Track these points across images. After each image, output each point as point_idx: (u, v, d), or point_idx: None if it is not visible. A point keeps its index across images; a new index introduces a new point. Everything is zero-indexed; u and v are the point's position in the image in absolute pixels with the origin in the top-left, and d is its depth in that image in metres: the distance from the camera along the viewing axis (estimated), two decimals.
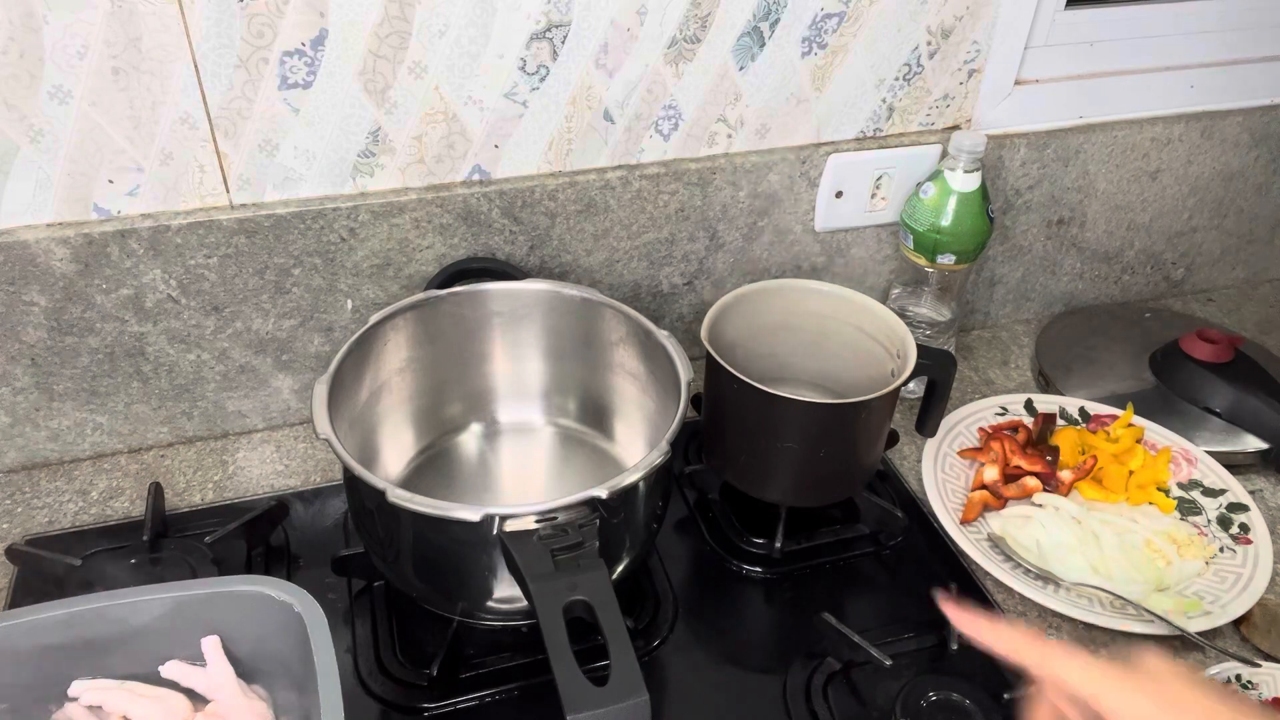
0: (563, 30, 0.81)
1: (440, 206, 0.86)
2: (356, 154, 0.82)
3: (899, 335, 0.82)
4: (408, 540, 0.68)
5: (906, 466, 0.93)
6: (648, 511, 0.71)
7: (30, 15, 0.69)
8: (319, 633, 0.57)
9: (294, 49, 0.76)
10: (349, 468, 0.65)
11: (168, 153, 0.78)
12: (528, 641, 0.73)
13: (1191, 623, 0.74)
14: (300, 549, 0.81)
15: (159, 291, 0.82)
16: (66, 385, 0.84)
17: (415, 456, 0.86)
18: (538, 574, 0.58)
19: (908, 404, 0.95)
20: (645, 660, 0.74)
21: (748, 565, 0.82)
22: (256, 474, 0.89)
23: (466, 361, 0.86)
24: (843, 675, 0.73)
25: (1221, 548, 0.83)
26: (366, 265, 0.87)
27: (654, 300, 0.99)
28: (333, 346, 0.90)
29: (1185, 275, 1.19)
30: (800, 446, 0.78)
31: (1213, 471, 0.90)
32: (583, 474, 0.86)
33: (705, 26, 0.85)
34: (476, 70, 0.81)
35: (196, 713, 0.61)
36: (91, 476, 0.87)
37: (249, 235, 0.82)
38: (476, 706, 0.70)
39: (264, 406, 0.92)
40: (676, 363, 0.74)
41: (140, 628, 0.60)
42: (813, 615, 0.74)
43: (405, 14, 0.77)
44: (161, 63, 0.73)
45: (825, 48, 0.90)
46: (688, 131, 0.91)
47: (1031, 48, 0.98)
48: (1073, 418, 0.96)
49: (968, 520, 0.85)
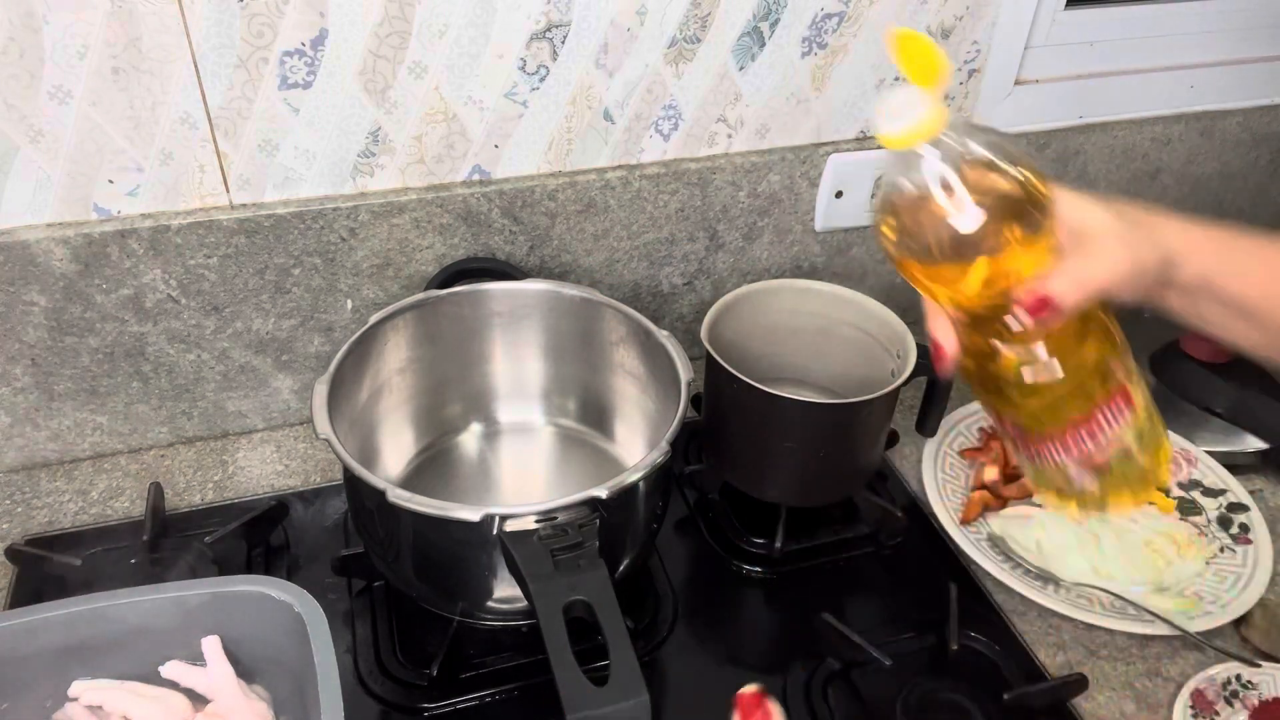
0: (563, 30, 0.81)
1: (440, 206, 0.86)
2: (356, 154, 0.82)
3: (899, 335, 0.82)
4: (408, 540, 0.68)
5: (906, 466, 0.93)
6: (648, 511, 0.71)
7: (30, 15, 0.69)
8: (319, 633, 0.57)
9: (294, 49, 0.76)
10: (349, 468, 0.65)
11: (168, 153, 0.78)
12: (528, 641, 0.73)
13: (1191, 623, 0.74)
14: (300, 549, 0.81)
15: (159, 291, 0.82)
16: (66, 385, 0.84)
17: (415, 456, 0.86)
18: (538, 574, 0.58)
19: (908, 404, 0.95)
20: (645, 660, 0.74)
21: (748, 565, 0.82)
22: (256, 474, 0.89)
23: (466, 361, 0.86)
24: (843, 675, 0.73)
25: (1221, 548, 0.83)
26: (366, 265, 0.87)
27: (654, 300, 0.99)
28: (333, 346, 0.90)
29: None
30: (800, 446, 0.78)
31: (1213, 471, 0.90)
32: (583, 474, 0.86)
33: (705, 26, 0.85)
34: (476, 70, 0.81)
35: (196, 713, 0.61)
36: (91, 476, 0.87)
37: (249, 235, 0.82)
38: (476, 706, 0.70)
39: (264, 406, 0.92)
40: (676, 363, 0.74)
41: (140, 628, 0.60)
42: (813, 615, 0.74)
43: (405, 14, 0.77)
44: (161, 63, 0.73)
45: (825, 48, 0.90)
46: (688, 131, 0.91)
47: (1031, 48, 0.98)
48: None
49: (968, 520, 0.85)
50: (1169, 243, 0.54)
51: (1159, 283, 0.55)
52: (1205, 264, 0.55)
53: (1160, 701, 0.72)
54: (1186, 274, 0.55)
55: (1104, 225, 0.53)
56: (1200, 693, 0.71)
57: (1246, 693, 0.71)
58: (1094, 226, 0.53)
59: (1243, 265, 0.56)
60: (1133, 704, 0.72)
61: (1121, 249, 0.52)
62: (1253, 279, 0.56)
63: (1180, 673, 0.74)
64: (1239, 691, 0.71)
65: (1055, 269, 0.50)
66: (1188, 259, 0.55)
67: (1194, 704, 0.70)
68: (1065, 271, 0.51)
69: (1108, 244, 0.52)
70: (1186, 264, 0.55)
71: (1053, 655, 0.76)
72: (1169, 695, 0.72)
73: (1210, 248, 0.56)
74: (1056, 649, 0.76)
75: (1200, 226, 0.56)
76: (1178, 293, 0.56)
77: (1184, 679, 0.72)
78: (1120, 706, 0.72)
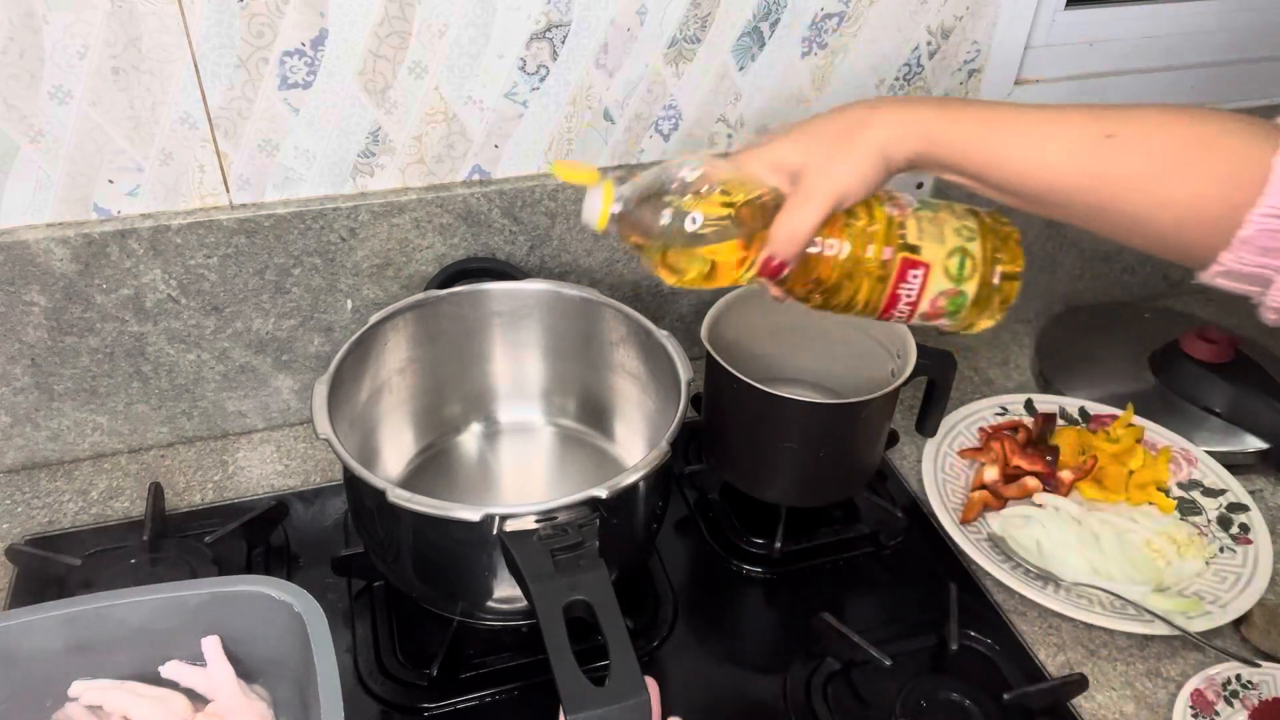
0: (563, 30, 0.81)
1: (440, 206, 0.86)
2: (356, 154, 0.82)
3: (899, 335, 0.82)
4: (408, 540, 0.68)
5: (906, 466, 0.93)
6: (648, 511, 0.71)
7: (30, 15, 0.69)
8: (319, 633, 0.57)
9: (294, 49, 0.76)
10: (349, 468, 0.65)
11: (168, 153, 0.78)
12: (528, 641, 0.73)
13: (1191, 623, 0.74)
14: (300, 549, 0.81)
15: (159, 291, 0.82)
16: (66, 385, 0.84)
17: (415, 456, 0.86)
18: (538, 574, 0.58)
19: (908, 404, 0.95)
20: (645, 660, 0.74)
21: (748, 565, 0.82)
22: (256, 474, 0.89)
23: (466, 361, 0.86)
24: (843, 675, 0.73)
25: (1221, 548, 0.83)
26: (366, 265, 0.87)
27: (654, 300, 0.99)
28: (333, 346, 0.90)
29: (1185, 275, 1.18)
30: (800, 446, 0.78)
31: (1213, 471, 0.90)
32: (583, 474, 0.86)
33: (705, 26, 0.85)
34: (476, 70, 0.81)
35: (196, 713, 0.61)
36: (91, 476, 0.87)
37: (249, 235, 0.82)
38: (476, 706, 0.70)
39: (264, 406, 0.92)
40: (676, 363, 0.74)
41: (140, 628, 0.60)
42: (813, 615, 0.74)
43: (405, 14, 0.77)
44: (161, 63, 0.73)
45: (825, 48, 0.90)
46: (688, 131, 0.91)
47: (1031, 48, 0.98)
48: (1073, 418, 0.96)
49: (968, 520, 0.85)
50: (906, 133, 0.57)
51: (909, 168, 0.59)
52: (954, 149, 0.58)
53: (1160, 701, 0.72)
54: (937, 158, 0.58)
55: (803, 160, 0.58)
56: (1200, 693, 0.71)
57: (1246, 693, 0.71)
58: (796, 165, 0.58)
59: (997, 146, 0.57)
60: (1133, 704, 0.72)
61: (827, 178, 0.57)
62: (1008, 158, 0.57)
63: (1180, 673, 0.74)
64: (1239, 691, 0.71)
65: (771, 232, 0.57)
66: (935, 145, 0.58)
67: (1194, 704, 0.70)
68: (776, 229, 0.57)
69: (811, 180, 0.57)
70: (935, 150, 0.58)
71: (1053, 655, 0.76)
72: (1169, 695, 0.73)
73: (961, 132, 0.57)
74: (1056, 649, 0.76)
75: (955, 108, 0.58)
76: (936, 171, 0.59)
77: (1184, 679, 0.72)
78: (1120, 706, 0.72)
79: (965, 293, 0.60)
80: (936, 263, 0.59)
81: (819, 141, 0.58)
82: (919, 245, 0.59)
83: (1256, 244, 0.52)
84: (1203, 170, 0.53)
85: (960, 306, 0.61)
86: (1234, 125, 0.54)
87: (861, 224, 0.59)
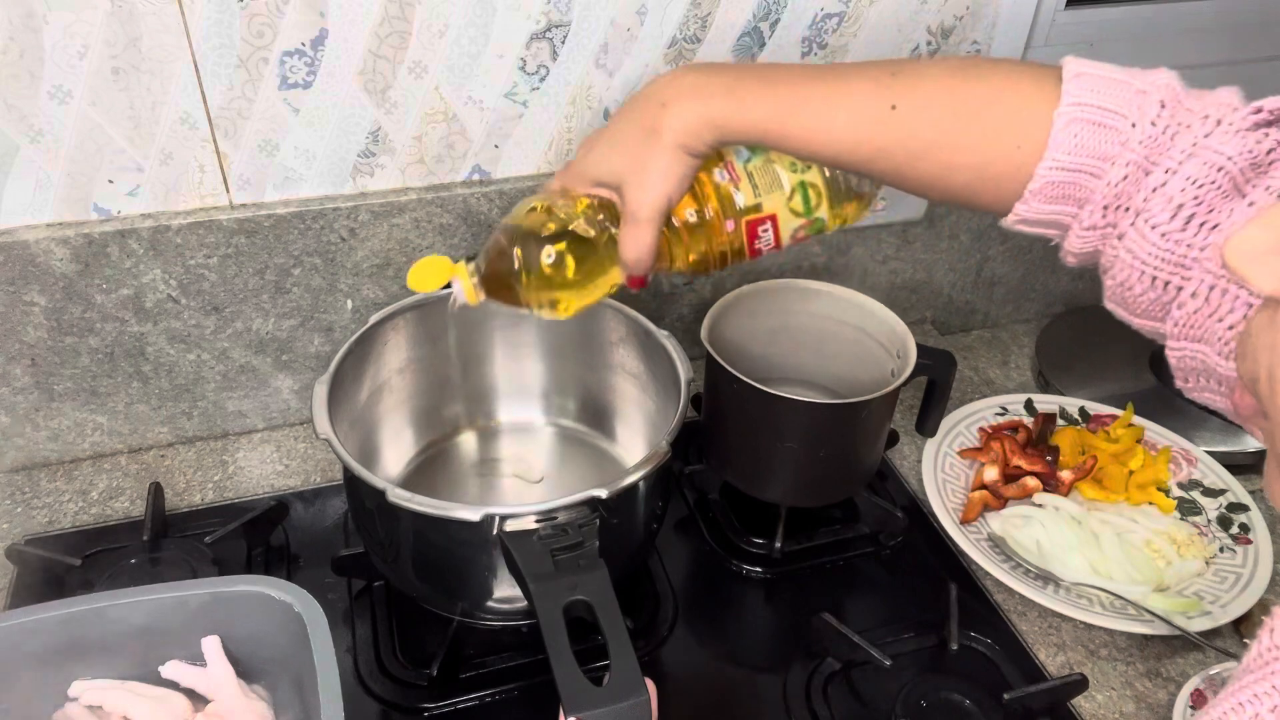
0: (563, 30, 0.81)
1: (440, 206, 0.86)
2: (356, 154, 0.82)
3: (899, 335, 0.82)
4: (408, 540, 0.68)
5: (906, 466, 0.93)
6: (648, 511, 0.71)
7: (30, 15, 0.69)
8: (319, 633, 0.57)
9: (294, 49, 0.76)
10: (349, 468, 0.65)
11: (168, 153, 0.78)
12: (528, 641, 0.73)
13: (1191, 623, 0.74)
14: (300, 549, 0.81)
15: (159, 291, 0.82)
16: (66, 385, 0.84)
17: (415, 456, 0.86)
18: (538, 574, 0.58)
19: (908, 404, 0.95)
20: (645, 660, 0.74)
21: (748, 565, 0.82)
22: (256, 474, 0.89)
23: (466, 361, 0.86)
24: (843, 675, 0.73)
25: (1221, 548, 0.83)
26: (366, 265, 0.87)
27: (654, 300, 0.99)
28: (333, 346, 0.90)
29: None
30: (800, 446, 0.78)
31: (1213, 471, 0.90)
32: (583, 474, 0.86)
33: (705, 26, 0.85)
34: (476, 70, 0.81)
35: (196, 713, 0.61)
36: (91, 476, 0.87)
37: (249, 235, 0.82)
38: (476, 706, 0.70)
39: (264, 406, 0.92)
40: (676, 363, 0.74)
41: (140, 628, 0.60)
42: (813, 615, 0.74)
43: (405, 14, 0.77)
44: (161, 63, 0.73)
45: (825, 48, 0.90)
46: None
47: (1032, 48, 0.98)
48: (1073, 418, 0.96)
49: (968, 520, 0.85)
50: (699, 126, 0.59)
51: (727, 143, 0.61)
52: (748, 132, 0.59)
53: (1160, 701, 0.72)
54: (735, 140, 0.60)
55: (616, 174, 0.60)
56: (1200, 693, 0.70)
57: None
58: (613, 179, 0.61)
59: (788, 124, 0.58)
60: (1133, 704, 0.72)
61: (644, 190, 0.59)
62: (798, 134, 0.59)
63: (1180, 673, 0.74)
64: None
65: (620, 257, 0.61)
66: (729, 132, 0.59)
67: (1194, 704, 0.70)
68: (622, 253, 0.61)
69: (632, 196, 0.60)
70: (730, 136, 0.59)
71: (1053, 655, 0.76)
72: (1169, 695, 0.73)
73: (751, 117, 0.59)
74: (1056, 649, 0.76)
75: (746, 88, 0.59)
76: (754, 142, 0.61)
77: (1184, 679, 0.72)
78: (1120, 706, 0.72)
79: (820, 218, 0.64)
80: (780, 208, 0.63)
81: (624, 151, 0.61)
82: (758, 203, 0.62)
83: (1045, 194, 0.55)
84: (984, 134, 0.55)
85: (821, 228, 0.65)
86: (1013, 81, 0.55)
87: (697, 207, 0.62)
